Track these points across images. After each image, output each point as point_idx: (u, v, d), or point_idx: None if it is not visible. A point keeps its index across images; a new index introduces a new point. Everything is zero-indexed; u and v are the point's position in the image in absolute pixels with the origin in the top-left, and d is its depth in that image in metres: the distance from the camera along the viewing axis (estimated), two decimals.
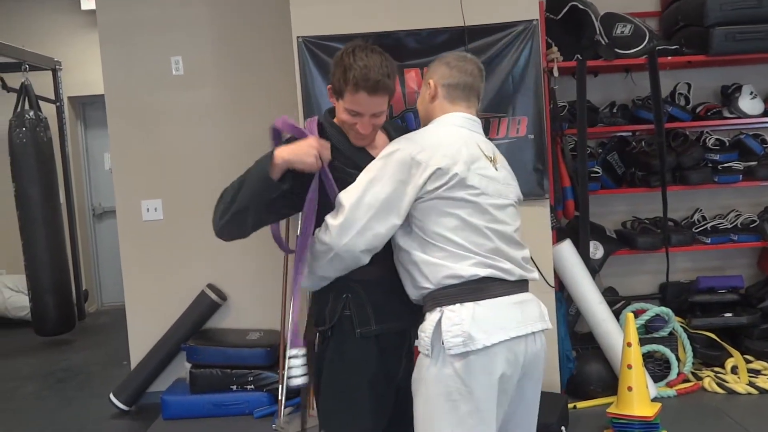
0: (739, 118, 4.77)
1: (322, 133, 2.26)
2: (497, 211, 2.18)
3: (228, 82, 4.68)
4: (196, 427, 4.25)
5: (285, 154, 2.17)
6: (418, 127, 2.35)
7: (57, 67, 6.92)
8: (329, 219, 2.12)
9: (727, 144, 4.79)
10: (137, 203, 4.68)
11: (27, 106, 6.19)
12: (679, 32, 4.73)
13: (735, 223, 4.82)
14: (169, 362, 4.66)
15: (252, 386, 4.40)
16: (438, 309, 2.10)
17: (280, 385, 4.24)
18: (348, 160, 2.24)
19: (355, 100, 2.15)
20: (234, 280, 4.72)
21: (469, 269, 2.09)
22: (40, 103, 6.39)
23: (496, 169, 2.23)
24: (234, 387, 4.40)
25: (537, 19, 3.95)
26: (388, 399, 2.33)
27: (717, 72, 4.96)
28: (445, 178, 2.09)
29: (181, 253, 4.70)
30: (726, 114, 4.81)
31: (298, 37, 3.92)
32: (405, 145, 2.14)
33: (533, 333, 2.16)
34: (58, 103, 6.95)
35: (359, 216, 2.07)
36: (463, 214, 2.11)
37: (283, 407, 4.21)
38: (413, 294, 2.21)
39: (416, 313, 2.27)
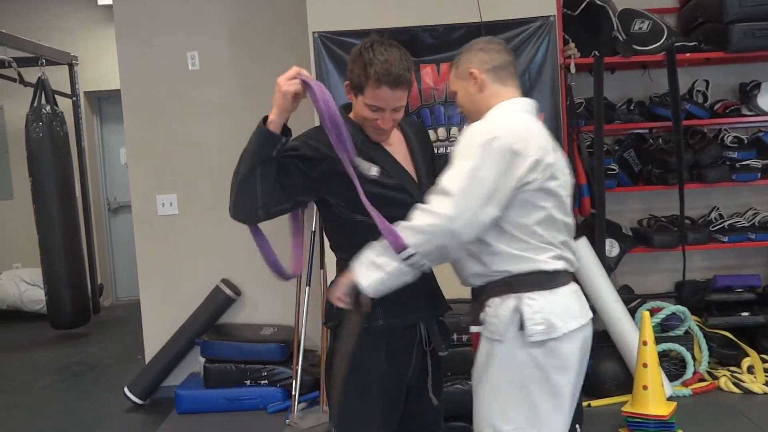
0: (757, 115, 4.73)
1: None
2: (567, 202, 2.18)
3: (244, 78, 4.69)
4: (209, 422, 4.27)
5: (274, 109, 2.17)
6: (433, 123, 2.35)
7: (73, 62, 6.96)
8: (435, 206, 2.01)
9: (746, 142, 4.76)
10: (152, 198, 4.70)
11: (43, 101, 6.22)
12: (698, 29, 4.70)
13: (752, 222, 4.78)
14: (183, 357, 4.68)
15: (266, 381, 4.41)
16: (514, 295, 2.08)
17: (294, 381, 4.25)
18: (365, 157, 2.22)
19: (377, 95, 2.14)
20: (248, 276, 4.72)
21: (551, 263, 2.10)
22: (57, 97, 6.42)
23: (559, 157, 2.19)
24: (248, 382, 4.41)
25: (554, 15, 3.94)
26: (397, 397, 2.32)
27: (735, 69, 4.91)
28: (541, 170, 2.05)
29: (196, 248, 4.72)
30: (744, 111, 4.77)
31: (313, 32, 3.93)
32: (499, 132, 2.04)
33: (590, 320, 2.21)
34: (74, 98, 6.99)
35: (471, 205, 1.99)
36: (550, 206, 2.10)
37: (296, 402, 4.21)
38: (475, 280, 2.19)
39: (430, 306, 2.27)
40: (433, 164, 2.45)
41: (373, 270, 2.05)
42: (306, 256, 4.42)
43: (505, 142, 2.01)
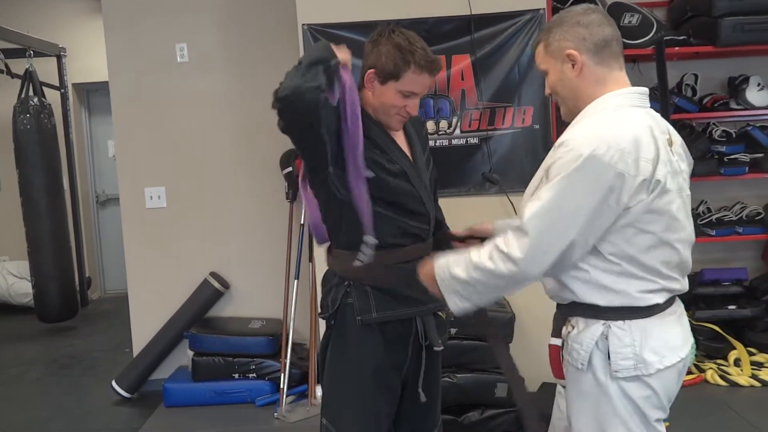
0: (746, 109, 4.74)
1: None
2: (682, 212, 1.85)
3: (233, 70, 4.66)
4: (197, 415, 4.25)
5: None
6: (422, 116, 2.31)
7: (61, 53, 6.90)
8: (504, 248, 1.79)
9: (734, 136, 4.77)
10: (141, 191, 4.67)
11: (31, 93, 6.17)
12: (687, 22, 4.70)
13: (740, 216, 4.79)
14: (171, 350, 4.66)
15: (254, 375, 4.40)
16: (602, 322, 1.82)
17: (282, 374, 4.25)
18: (374, 143, 2.21)
19: (416, 81, 2.17)
20: (237, 269, 4.72)
21: (649, 298, 1.82)
22: (45, 89, 6.37)
23: (672, 154, 1.85)
24: (236, 375, 4.40)
25: (544, 8, 3.93)
26: (393, 391, 2.32)
27: (724, 63, 4.92)
28: (649, 190, 1.74)
29: (184, 241, 4.70)
30: (733, 105, 4.78)
31: (303, 24, 3.91)
32: (599, 149, 1.70)
33: (691, 347, 1.95)
34: (62, 90, 6.94)
35: (552, 245, 1.74)
36: (659, 229, 1.79)
37: (285, 396, 4.21)
38: (557, 299, 1.96)
39: (428, 301, 2.19)
40: (430, 156, 2.46)
41: (462, 301, 1.92)
42: (294, 250, 4.42)
43: (608, 163, 1.69)
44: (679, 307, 1.93)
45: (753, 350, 4.52)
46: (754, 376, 4.24)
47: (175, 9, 4.63)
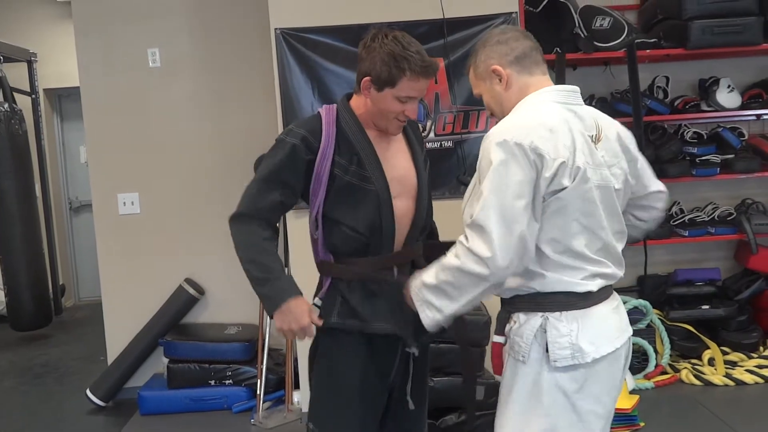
0: (716, 111, 4.78)
1: (338, 123, 2.24)
2: (604, 204, 1.93)
3: (206, 75, 4.63)
4: (173, 423, 4.22)
5: (279, 323, 2.21)
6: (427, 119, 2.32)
7: (32, 58, 6.80)
8: (472, 245, 1.83)
9: (705, 137, 4.81)
10: (113, 197, 4.62)
11: (1, 98, 6.09)
12: (658, 25, 4.74)
13: (712, 216, 4.84)
14: (146, 357, 4.62)
15: (230, 381, 4.37)
16: (540, 314, 1.91)
17: (259, 380, 4.22)
18: (353, 157, 2.21)
19: (413, 86, 2.16)
20: (212, 275, 4.68)
21: (583, 284, 1.90)
22: (15, 95, 6.29)
23: (597, 149, 1.93)
24: (212, 382, 4.37)
25: (516, 12, 3.94)
26: (379, 397, 2.32)
27: (695, 65, 4.97)
28: (569, 174, 1.84)
29: (158, 248, 4.66)
30: (704, 107, 4.82)
31: (275, 29, 3.89)
32: (516, 134, 1.82)
33: (628, 338, 2.03)
34: (33, 96, 6.83)
35: (509, 233, 1.79)
36: (581, 216, 1.88)
37: (261, 402, 4.18)
38: (502, 293, 2.02)
39: (412, 321, 2.17)
40: (426, 158, 2.48)
41: (432, 311, 1.96)
42: None
43: (529, 146, 1.81)
44: (615, 299, 2.02)
45: (727, 349, 4.56)
46: (728, 375, 4.27)
47: (147, 13, 4.59)
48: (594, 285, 1.92)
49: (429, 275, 1.96)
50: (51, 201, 7.12)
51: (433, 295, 1.95)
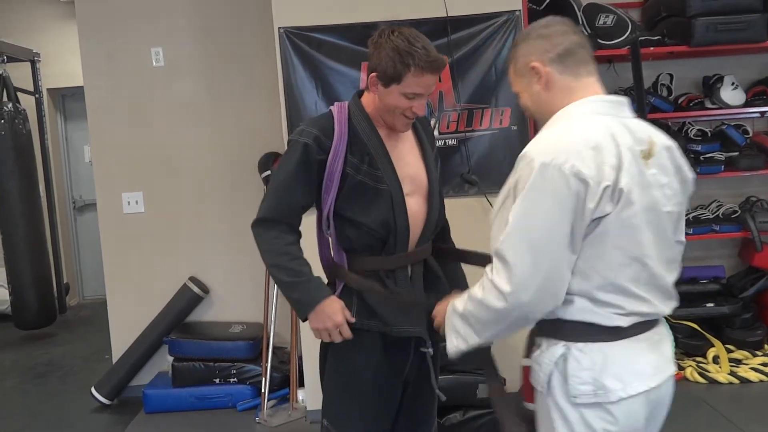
0: (720, 108, 4.78)
1: (350, 122, 2.24)
2: (652, 226, 1.71)
3: (209, 74, 4.64)
4: (178, 421, 4.23)
5: (314, 324, 2.21)
6: None
7: (36, 58, 6.82)
8: (494, 278, 1.67)
9: (709, 135, 4.81)
10: (118, 196, 4.63)
11: (5, 98, 6.09)
12: (662, 23, 4.74)
13: (717, 214, 4.83)
14: (151, 356, 4.63)
15: (235, 379, 4.38)
16: (563, 343, 1.71)
17: (264, 378, 4.22)
18: (365, 156, 2.22)
19: (419, 82, 2.15)
20: (216, 273, 4.70)
21: (610, 319, 1.69)
22: (19, 95, 6.29)
23: (648, 166, 1.72)
24: (217, 380, 4.38)
25: (520, 10, 3.94)
26: (393, 393, 2.33)
27: (699, 63, 4.97)
28: (613, 199, 1.63)
29: (163, 246, 4.67)
30: (708, 105, 4.82)
31: (279, 27, 3.89)
32: (559, 156, 1.62)
33: (668, 377, 1.81)
34: (36, 95, 6.85)
35: (535, 267, 1.62)
36: (625, 242, 1.67)
37: (266, 400, 4.19)
38: None
39: (426, 320, 2.19)
40: (438, 156, 2.48)
41: (458, 339, 1.82)
42: None
43: (570, 170, 1.60)
44: (656, 334, 1.79)
45: (731, 347, 4.56)
46: (732, 373, 4.27)
47: (150, 13, 4.60)
48: (624, 321, 1.71)
49: (460, 302, 1.82)
50: (55, 200, 7.14)
51: (460, 324, 1.80)
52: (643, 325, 1.74)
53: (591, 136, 1.67)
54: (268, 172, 4.35)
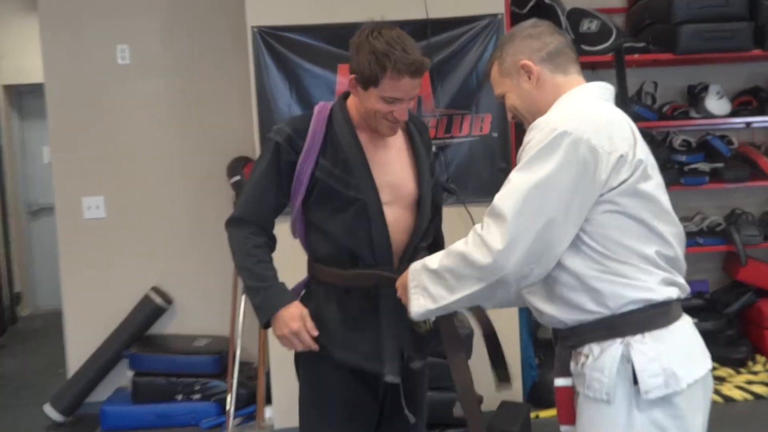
0: (705, 118, 4.85)
1: (330, 123, 2.25)
2: (668, 207, 1.80)
3: (178, 74, 4.64)
4: None
5: (275, 331, 2.22)
6: None
7: None
8: (485, 233, 1.69)
9: (694, 145, 4.88)
10: (78, 200, 4.61)
11: None
12: (646, 29, 4.81)
13: (701, 227, 4.88)
14: (109, 370, 4.59)
15: (199, 396, 4.36)
16: (620, 340, 1.70)
17: (229, 395, 4.21)
18: (339, 160, 2.21)
19: (397, 85, 2.13)
20: (180, 283, 4.68)
21: (661, 290, 1.71)
22: None
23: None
24: (179, 397, 4.35)
25: (502, 13, 4.00)
26: (368, 414, 2.31)
27: (684, 71, 5.05)
28: (629, 168, 1.69)
29: (124, 254, 4.64)
30: (693, 114, 4.89)
31: (252, 27, 3.91)
32: (571, 125, 1.68)
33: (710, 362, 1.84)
34: None
35: (529, 226, 1.64)
36: (648, 215, 1.72)
37: (232, 418, 4.17)
38: (559, 324, 1.81)
39: (396, 342, 2.19)
40: (434, 165, 2.48)
41: (426, 298, 1.84)
42: None
43: (576, 136, 1.66)
44: (689, 317, 1.84)
45: (715, 365, 4.61)
46: (716, 392, 4.34)
47: (117, 9, 4.59)
48: (673, 292, 1.74)
49: (433, 259, 1.84)
50: (8, 203, 7.06)
51: (431, 282, 1.82)
52: (679, 306, 1.78)
53: (605, 112, 1.75)
54: (238, 177, 4.35)
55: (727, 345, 4.70)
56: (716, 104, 4.84)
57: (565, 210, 1.66)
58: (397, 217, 2.26)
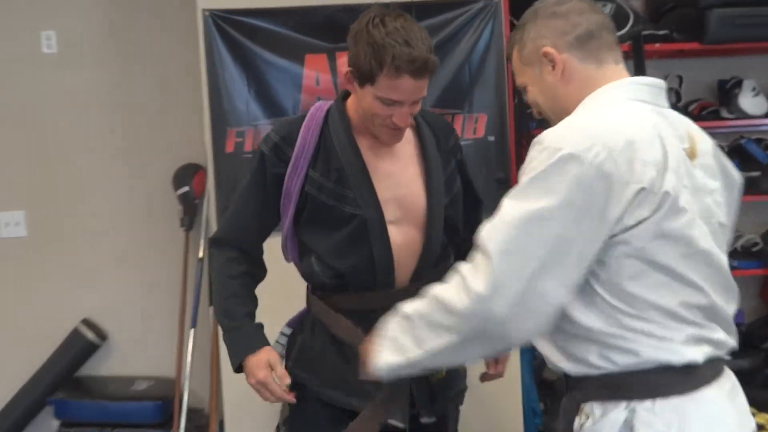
0: (739, 118, 4.87)
1: (325, 127, 2.25)
2: (708, 240, 1.69)
3: (114, 65, 4.63)
4: None
5: (249, 378, 2.22)
6: None
7: None
8: (467, 273, 1.62)
9: (726, 150, 4.91)
10: None
11: None
12: (669, 14, 4.83)
13: (735, 246, 4.90)
14: (31, 419, 4.58)
15: None
16: (624, 404, 1.63)
17: None
18: (333, 171, 2.21)
19: (395, 85, 2.10)
20: (117, 315, 4.67)
21: (683, 350, 1.63)
22: None
23: (694, 168, 1.70)
24: None
25: None
26: None
27: (714, 63, 5.07)
28: (653, 204, 1.57)
29: (49, 280, 4.63)
30: (724, 114, 4.91)
31: (204, 10, 3.89)
32: (577, 143, 1.57)
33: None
34: None
35: (517, 268, 1.56)
36: (675, 260, 1.62)
37: None
38: (569, 369, 1.74)
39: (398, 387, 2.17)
40: (460, 174, 2.44)
41: (392, 351, 1.75)
42: (191, 292, 4.37)
43: (589, 162, 1.55)
44: (729, 379, 1.77)
45: (753, 410, 4.61)
46: None
47: None
48: (699, 353, 1.65)
49: (410, 303, 1.76)
50: None
51: (401, 329, 1.74)
52: (716, 366, 1.70)
53: (627, 126, 1.64)
54: (186, 188, 4.34)
55: (766, 386, 4.71)
56: (751, 102, 4.86)
57: (565, 252, 1.57)
58: (406, 239, 2.25)
